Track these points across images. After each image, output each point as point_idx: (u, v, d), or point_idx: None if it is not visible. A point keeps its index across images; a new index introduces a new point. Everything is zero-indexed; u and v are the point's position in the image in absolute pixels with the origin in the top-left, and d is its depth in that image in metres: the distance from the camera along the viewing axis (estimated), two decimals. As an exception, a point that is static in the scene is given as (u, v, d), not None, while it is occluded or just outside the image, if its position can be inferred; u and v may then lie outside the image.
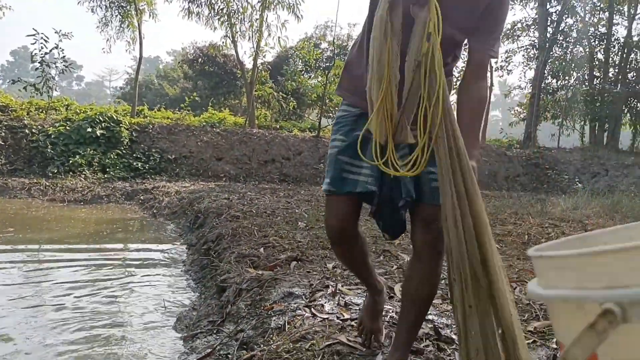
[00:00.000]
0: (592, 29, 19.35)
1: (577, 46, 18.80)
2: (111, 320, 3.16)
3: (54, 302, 3.47)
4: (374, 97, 1.48)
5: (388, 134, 1.50)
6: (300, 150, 13.16)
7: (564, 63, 18.32)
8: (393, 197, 1.62)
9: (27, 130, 10.62)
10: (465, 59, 1.67)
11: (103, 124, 11.37)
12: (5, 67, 68.94)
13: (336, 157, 1.66)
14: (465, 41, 1.64)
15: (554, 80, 19.27)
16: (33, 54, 12.39)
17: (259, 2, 14.52)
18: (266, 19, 14.56)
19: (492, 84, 19.42)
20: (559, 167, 15.53)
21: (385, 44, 1.45)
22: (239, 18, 14.62)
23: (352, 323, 2.25)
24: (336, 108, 17.19)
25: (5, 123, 10.71)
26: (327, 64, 16.68)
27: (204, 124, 13.47)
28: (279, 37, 14.92)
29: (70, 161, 10.36)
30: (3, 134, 10.44)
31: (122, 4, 14.93)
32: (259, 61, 15.39)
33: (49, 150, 10.43)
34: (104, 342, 2.81)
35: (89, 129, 11.06)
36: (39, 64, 12.34)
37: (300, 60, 19.27)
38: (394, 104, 1.48)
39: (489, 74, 19.38)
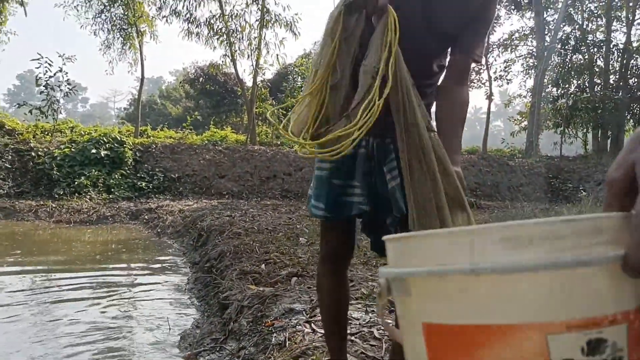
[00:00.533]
0: (591, 36, 19.45)
1: (576, 54, 18.85)
2: (117, 339, 3.26)
3: (61, 321, 3.58)
4: (305, 89, 1.45)
5: (308, 127, 1.43)
6: (302, 166, 13.29)
7: (563, 71, 18.37)
8: (382, 214, 1.56)
9: (33, 153, 10.81)
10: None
11: (107, 145, 11.55)
12: (12, 92, 69.76)
13: (328, 180, 1.57)
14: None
15: (554, 89, 19.32)
16: (38, 77, 12.64)
17: (257, 20, 14.79)
18: (264, 37, 14.82)
19: (492, 94, 19.54)
20: (563, 176, 15.48)
21: (330, 41, 1.41)
22: (238, 37, 14.87)
23: (352, 338, 2.28)
24: (337, 122, 17.30)
25: (12, 146, 10.91)
26: (327, 80, 16.82)
27: (206, 142, 13.64)
28: (277, 55, 15.18)
29: (76, 182, 10.53)
30: (10, 157, 10.64)
31: (124, 26, 15.23)
32: (259, 79, 15.61)
33: (54, 172, 10.61)
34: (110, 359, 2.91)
35: (94, 150, 11.24)
36: (44, 88, 12.58)
37: (299, 77, 19.50)
38: (324, 97, 1.43)
39: (487, 84, 19.53)
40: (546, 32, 19.20)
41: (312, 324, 2.59)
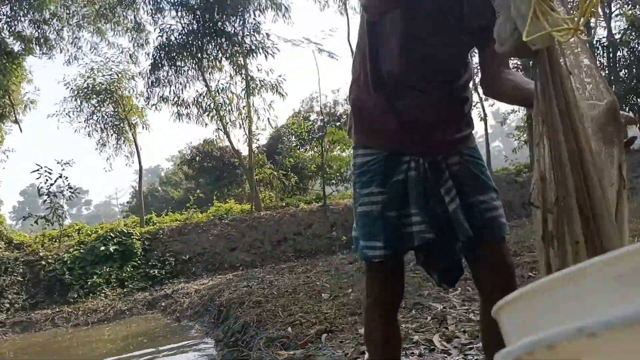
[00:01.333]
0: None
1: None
2: None
3: None
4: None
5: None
6: (310, 223, 13.22)
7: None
8: (448, 240, 1.42)
9: (43, 262, 10.82)
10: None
11: (115, 240, 11.58)
12: (17, 208, 70.85)
13: (382, 214, 1.42)
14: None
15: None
16: (40, 187, 12.85)
17: (242, 90, 15.17)
18: (253, 104, 15.15)
19: (485, 115, 19.67)
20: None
21: None
22: (227, 109, 15.22)
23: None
24: (337, 175, 17.39)
25: (22, 259, 10.93)
26: (320, 134, 17.11)
27: (212, 217, 13.66)
28: (268, 118, 15.47)
29: (89, 282, 10.48)
30: (21, 270, 10.63)
31: (116, 122, 15.63)
32: (254, 145, 15.85)
33: (66, 276, 10.57)
34: None
35: (102, 247, 11.25)
36: (47, 196, 12.75)
37: (293, 136, 19.80)
38: None
39: (479, 105, 19.68)
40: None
41: None
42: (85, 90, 15.04)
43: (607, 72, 19.41)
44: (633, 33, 18.37)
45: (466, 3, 1.38)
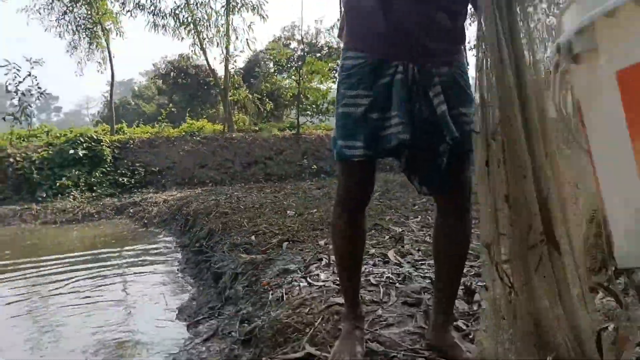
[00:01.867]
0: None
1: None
2: (117, 321, 3.38)
3: (61, 312, 3.68)
4: None
5: None
6: (282, 149, 13.39)
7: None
8: (431, 142, 1.44)
9: (11, 159, 10.74)
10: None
11: (85, 145, 11.53)
12: (-20, 105, 67.96)
13: (365, 116, 1.44)
14: None
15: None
16: (7, 84, 12.51)
17: (222, 7, 14.74)
18: (232, 22, 14.77)
19: (467, 63, 19.64)
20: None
21: None
22: (205, 25, 14.81)
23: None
24: (312, 106, 17.38)
25: (-11, 155, 10.83)
26: (299, 63, 16.92)
27: (184, 134, 13.66)
28: (247, 39, 15.17)
29: (58, 184, 10.53)
30: (-12, 166, 10.57)
31: (89, 25, 15.04)
32: (231, 66, 15.61)
33: (35, 175, 10.57)
34: (114, 339, 3.03)
35: (72, 151, 11.21)
36: (15, 93, 12.45)
37: (271, 62, 19.49)
38: None
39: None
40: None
41: (308, 278, 2.67)
42: (58, -14, 14.34)
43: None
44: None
45: None
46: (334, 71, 15.81)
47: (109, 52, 15.00)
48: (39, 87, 12.93)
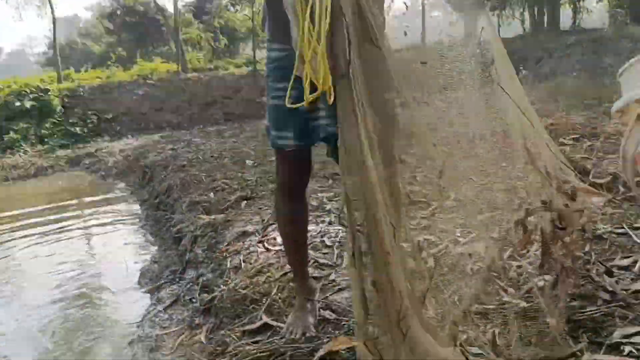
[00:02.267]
0: None
1: None
2: (78, 287, 3.33)
3: (19, 279, 3.61)
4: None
5: None
6: (240, 87, 13.07)
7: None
8: None
9: (-49, 114, 10.18)
10: None
11: (31, 96, 10.98)
12: None
13: (295, 109, 1.38)
14: None
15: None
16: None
17: None
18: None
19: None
20: (505, 58, 15.67)
21: None
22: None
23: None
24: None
25: None
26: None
27: (136, 77, 13.11)
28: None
29: (5, 138, 10.11)
30: None
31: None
32: (180, 4, 14.82)
33: (-21, 130, 10.10)
34: (76, 307, 3.00)
35: (18, 103, 10.69)
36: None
37: (224, -6, 18.58)
38: None
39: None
40: None
41: (265, 243, 2.69)
42: None
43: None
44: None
45: None
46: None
47: (47, -9, 13.96)
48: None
